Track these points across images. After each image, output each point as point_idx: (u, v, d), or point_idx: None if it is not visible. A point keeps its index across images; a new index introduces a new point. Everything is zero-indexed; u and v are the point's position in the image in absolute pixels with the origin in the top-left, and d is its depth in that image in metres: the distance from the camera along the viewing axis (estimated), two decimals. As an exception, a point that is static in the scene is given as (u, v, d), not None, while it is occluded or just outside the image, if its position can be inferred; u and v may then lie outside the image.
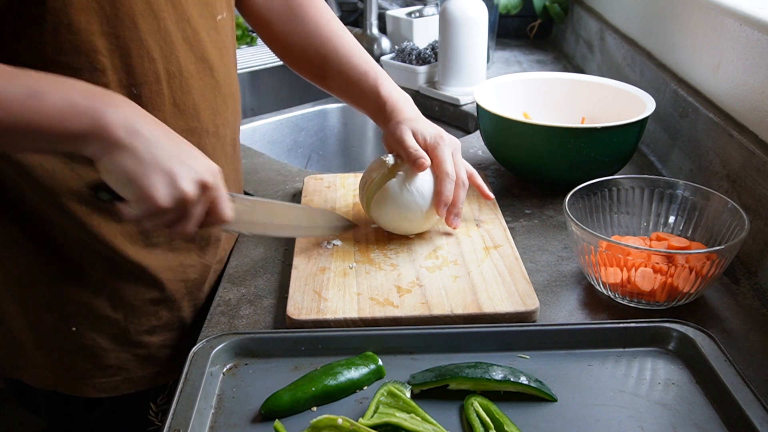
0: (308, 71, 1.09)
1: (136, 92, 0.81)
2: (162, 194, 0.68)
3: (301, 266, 0.92)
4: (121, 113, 0.68)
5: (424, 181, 0.93)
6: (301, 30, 1.05)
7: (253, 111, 1.95)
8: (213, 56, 0.90)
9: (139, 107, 0.71)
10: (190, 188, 0.69)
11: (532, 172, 1.14)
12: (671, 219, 0.94)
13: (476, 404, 0.68)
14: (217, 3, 0.91)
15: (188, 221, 0.72)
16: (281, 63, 1.13)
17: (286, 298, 0.86)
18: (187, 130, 0.88)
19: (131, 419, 0.96)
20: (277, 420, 0.68)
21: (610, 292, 0.86)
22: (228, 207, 0.75)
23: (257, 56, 1.98)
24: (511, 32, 2.06)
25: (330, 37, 1.05)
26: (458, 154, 0.95)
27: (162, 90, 0.83)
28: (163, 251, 0.90)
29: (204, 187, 0.71)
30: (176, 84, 0.85)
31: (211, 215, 0.74)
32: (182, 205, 0.70)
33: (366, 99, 1.02)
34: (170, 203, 0.69)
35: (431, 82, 1.67)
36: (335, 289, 0.87)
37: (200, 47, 0.87)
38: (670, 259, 0.81)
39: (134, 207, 0.70)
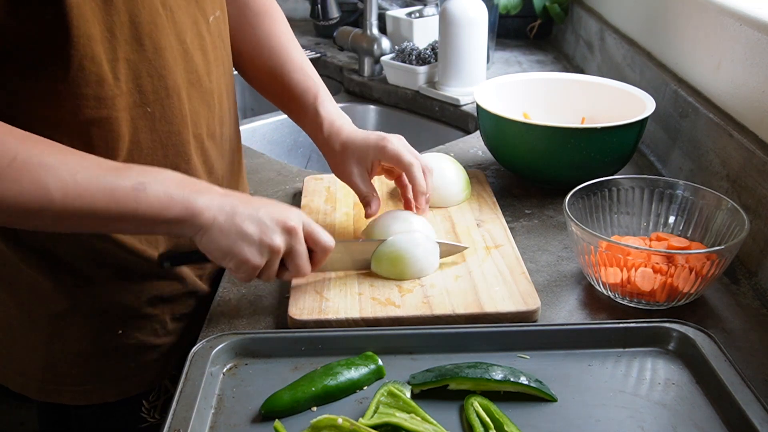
0: (255, 82, 1.09)
1: (150, 110, 0.82)
2: (254, 256, 0.77)
3: (301, 266, 0.92)
4: (207, 198, 0.76)
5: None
6: (252, 39, 1.05)
7: (253, 111, 1.95)
8: (207, 58, 0.90)
9: (219, 188, 0.79)
10: (276, 239, 0.77)
11: (532, 172, 1.14)
12: (671, 219, 0.94)
13: (476, 404, 0.68)
14: (209, 4, 0.91)
15: (297, 260, 0.80)
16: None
17: (287, 298, 0.86)
18: (195, 135, 0.89)
19: (124, 417, 0.96)
20: (277, 420, 0.68)
21: (610, 292, 0.87)
22: (325, 234, 0.82)
23: (257, 56, 1.97)
24: (511, 32, 2.06)
25: (278, 51, 1.04)
26: (408, 147, 0.96)
27: (173, 103, 0.85)
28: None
29: (289, 231, 0.78)
30: (181, 95, 0.85)
31: (315, 246, 0.82)
32: (275, 254, 0.78)
33: (304, 117, 1.03)
34: (264, 259, 0.78)
35: (431, 82, 1.67)
36: (336, 289, 0.87)
37: (192, 53, 0.87)
38: (670, 259, 0.81)
39: (236, 272, 0.79)
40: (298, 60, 1.04)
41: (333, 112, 1.00)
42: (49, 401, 0.92)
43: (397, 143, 0.94)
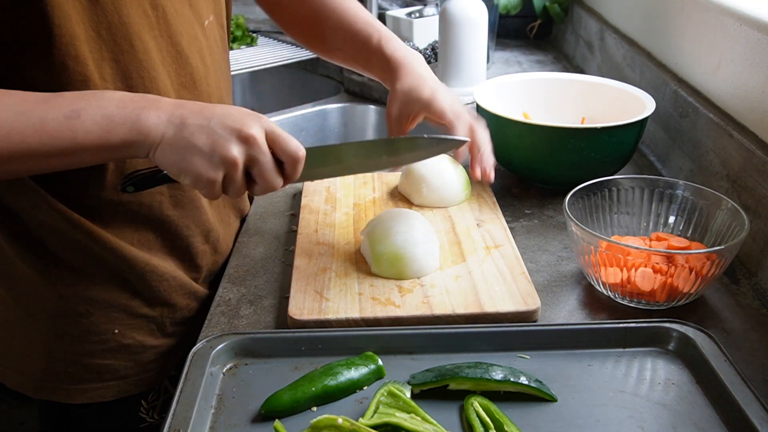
0: (301, 33, 1.06)
1: None
2: (207, 170, 0.71)
3: (302, 266, 0.92)
4: (154, 114, 0.71)
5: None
6: None
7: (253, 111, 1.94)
8: (205, 61, 0.90)
9: (166, 98, 0.74)
10: (230, 149, 0.71)
11: (532, 172, 1.14)
12: (671, 219, 0.94)
13: (476, 404, 0.68)
14: (203, 8, 0.91)
15: (262, 171, 0.73)
16: (281, 63, 1.12)
17: (287, 298, 0.86)
18: None
19: (123, 417, 0.96)
20: (277, 420, 0.68)
21: (610, 292, 0.87)
22: (292, 141, 0.75)
23: (257, 56, 1.97)
24: (511, 32, 2.06)
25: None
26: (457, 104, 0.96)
27: None
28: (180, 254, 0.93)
29: (246, 139, 0.72)
30: (170, 97, 0.85)
31: (281, 155, 0.74)
32: (231, 166, 0.72)
33: (371, 61, 1.01)
34: (219, 172, 0.72)
35: (431, 82, 1.67)
36: (336, 289, 0.87)
37: (189, 55, 0.87)
38: (670, 259, 0.81)
39: (196, 189, 0.74)
40: (353, 6, 1.03)
41: (399, 50, 0.98)
42: (47, 399, 0.92)
43: (444, 101, 0.93)
